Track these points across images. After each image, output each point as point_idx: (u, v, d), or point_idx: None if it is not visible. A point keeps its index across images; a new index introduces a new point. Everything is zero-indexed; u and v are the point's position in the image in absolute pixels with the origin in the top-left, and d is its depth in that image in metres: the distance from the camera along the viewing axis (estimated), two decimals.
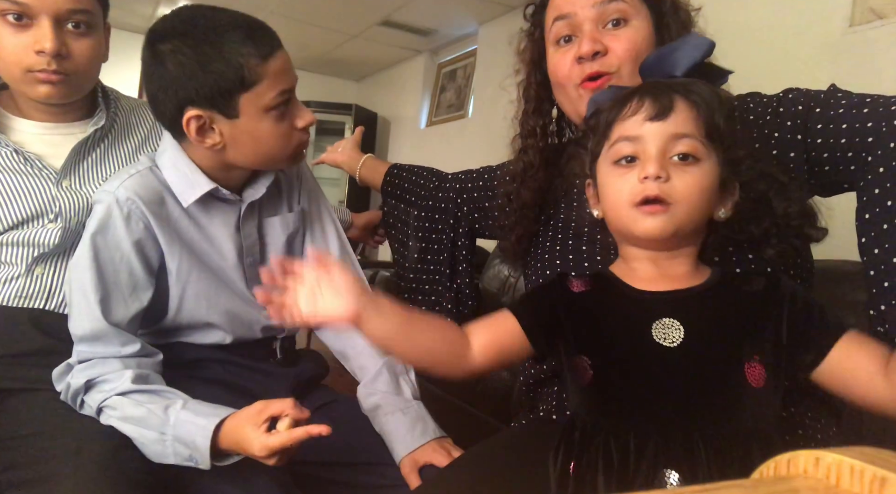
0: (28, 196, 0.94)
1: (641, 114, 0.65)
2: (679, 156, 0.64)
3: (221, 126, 0.86)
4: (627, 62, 0.81)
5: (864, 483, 0.24)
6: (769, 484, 0.27)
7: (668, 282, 0.67)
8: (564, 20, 0.84)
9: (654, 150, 0.64)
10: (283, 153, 0.92)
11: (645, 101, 0.66)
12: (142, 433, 0.82)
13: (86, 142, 1.00)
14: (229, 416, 0.82)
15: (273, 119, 0.87)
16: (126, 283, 0.90)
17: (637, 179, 0.64)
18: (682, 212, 0.64)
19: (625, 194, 0.65)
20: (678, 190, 0.63)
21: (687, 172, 0.64)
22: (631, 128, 0.66)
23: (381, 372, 1.00)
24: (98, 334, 0.87)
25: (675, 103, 0.65)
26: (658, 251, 0.68)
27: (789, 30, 2.08)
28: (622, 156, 0.66)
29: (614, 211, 0.67)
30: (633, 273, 0.69)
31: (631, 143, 0.65)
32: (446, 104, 4.54)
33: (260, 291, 0.65)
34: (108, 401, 0.84)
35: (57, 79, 0.92)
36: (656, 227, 0.63)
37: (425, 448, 0.91)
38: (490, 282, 3.07)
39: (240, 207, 0.97)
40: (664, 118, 0.64)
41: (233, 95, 0.83)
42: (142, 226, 0.90)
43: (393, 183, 1.29)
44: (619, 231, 0.69)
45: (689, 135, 0.64)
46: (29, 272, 0.96)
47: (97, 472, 0.76)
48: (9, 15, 0.88)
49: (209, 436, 0.79)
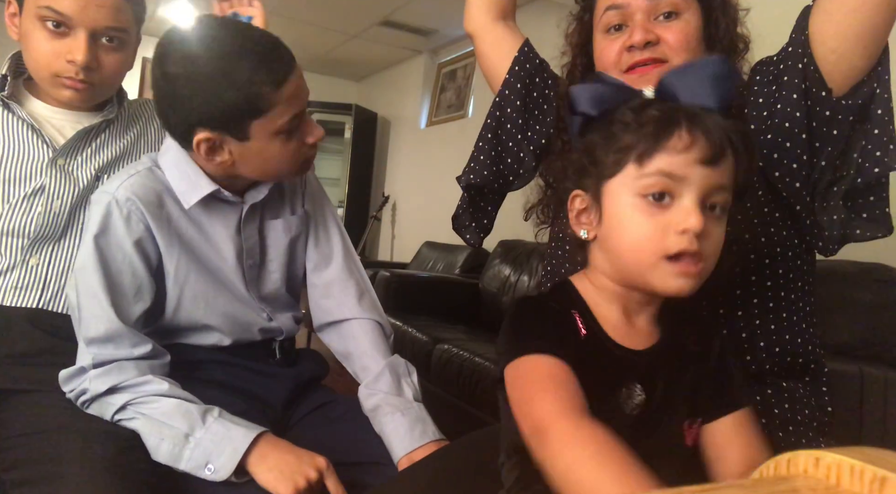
0: (21, 161, 0.96)
1: (693, 153, 0.56)
2: (714, 207, 0.58)
3: (231, 146, 0.86)
4: (680, 52, 0.80)
5: (864, 483, 0.24)
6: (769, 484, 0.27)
7: (635, 337, 0.62)
8: (617, 10, 0.84)
9: (694, 199, 0.56)
10: (290, 168, 0.93)
11: (697, 138, 0.57)
12: (162, 431, 0.82)
13: (91, 130, 1.02)
14: (266, 434, 0.84)
15: (283, 139, 0.87)
16: (130, 284, 0.90)
17: (674, 229, 0.56)
18: (707, 271, 0.58)
19: (654, 241, 0.57)
20: (709, 247, 0.57)
21: (718, 227, 0.58)
22: (676, 166, 0.57)
23: (383, 372, 1.00)
24: (112, 335, 0.86)
25: (726, 150, 0.57)
26: (642, 298, 0.62)
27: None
28: (655, 191, 0.57)
29: (633, 253, 0.59)
30: (604, 316, 0.63)
31: (672, 182, 0.57)
32: (446, 104, 4.54)
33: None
34: (141, 399, 0.85)
35: (82, 87, 0.96)
36: (685, 288, 0.57)
37: (423, 449, 0.91)
38: (490, 282, 3.07)
39: (241, 209, 0.97)
40: (716, 165, 0.57)
41: (244, 121, 0.83)
42: (142, 226, 0.90)
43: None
44: (629, 277, 0.61)
45: (727, 188, 0.58)
46: (24, 263, 0.97)
47: (103, 472, 0.76)
48: (48, 21, 0.91)
49: (243, 448, 0.81)
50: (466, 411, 2.13)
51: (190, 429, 0.82)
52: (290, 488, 0.79)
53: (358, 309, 1.07)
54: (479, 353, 2.18)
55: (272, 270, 1.03)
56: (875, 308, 1.52)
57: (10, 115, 0.98)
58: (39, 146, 0.98)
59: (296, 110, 0.86)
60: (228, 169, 0.90)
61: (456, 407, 2.16)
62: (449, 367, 2.24)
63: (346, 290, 1.08)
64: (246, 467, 0.82)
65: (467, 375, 2.13)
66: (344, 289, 1.08)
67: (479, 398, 2.08)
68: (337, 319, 1.08)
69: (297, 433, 0.97)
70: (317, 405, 1.04)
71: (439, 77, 4.69)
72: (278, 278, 1.04)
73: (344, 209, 5.09)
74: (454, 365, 2.22)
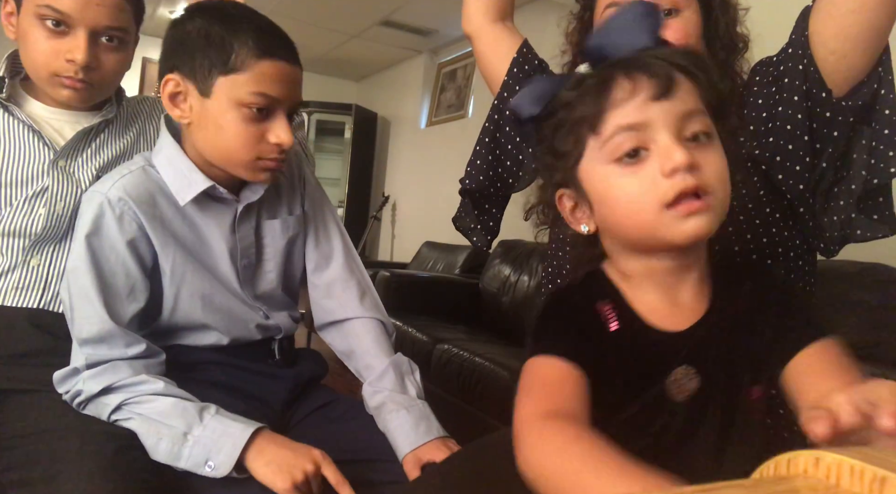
0: (22, 164, 0.96)
1: (641, 95, 0.54)
2: (696, 136, 0.54)
3: (193, 100, 0.87)
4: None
5: (864, 483, 0.24)
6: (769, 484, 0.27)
7: (679, 316, 0.58)
8: (616, 6, 0.84)
9: (668, 136, 0.53)
10: (242, 156, 0.88)
11: (638, 79, 0.54)
12: (160, 431, 0.82)
13: (90, 131, 1.01)
14: (264, 430, 0.84)
15: (242, 116, 0.85)
16: (123, 284, 0.89)
17: (660, 175, 0.53)
18: (720, 202, 0.54)
19: (647, 196, 0.53)
20: (710, 176, 0.53)
21: (710, 154, 0.54)
22: (631, 115, 0.54)
23: (386, 370, 1.00)
24: (104, 336, 0.86)
25: (674, 77, 0.54)
26: (665, 260, 0.58)
27: None
28: (626, 151, 0.54)
29: (632, 218, 0.55)
30: (640, 299, 0.59)
31: (635, 133, 0.54)
32: (446, 104, 4.54)
33: None
34: (136, 398, 0.85)
35: (81, 86, 0.95)
36: (701, 228, 0.53)
37: (428, 446, 0.91)
38: (490, 282, 3.07)
39: (236, 208, 0.97)
40: (670, 96, 0.53)
41: (211, 73, 0.85)
42: (135, 226, 0.90)
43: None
44: (640, 242, 0.57)
45: (698, 112, 0.55)
46: (25, 263, 0.96)
47: (101, 472, 0.75)
48: (48, 20, 0.91)
49: (242, 443, 0.81)
50: (466, 411, 2.13)
51: (188, 428, 0.82)
52: (288, 481, 0.79)
53: (360, 309, 1.07)
54: (479, 353, 2.18)
55: (268, 270, 1.03)
56: (875, 308, 1.52)
57: (10, 117, 0.97)
58: (40, 148, 0.97)
59: (264, 89, 0.84)
60: (190, 134, 0.91)
61: (456, 407, 2.16)
62: (449, 367, 2.24)
63: (348, 290, 1.08)
64: (244, 463, 0.81)
65: (467, 375, 2.13)
66: (346, 289, 1.08)
67: (480, 398, 2.08)
68: (339, 319, 1.07)
69: (298, 433, 0.96)
70: (317, 405, 1.04)
71: (439, 77, 4.69)
72: (274, 278, 1.04)
73: (344, 209, 5.09)
74: (454, 365, 2.22)
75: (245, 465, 0.82)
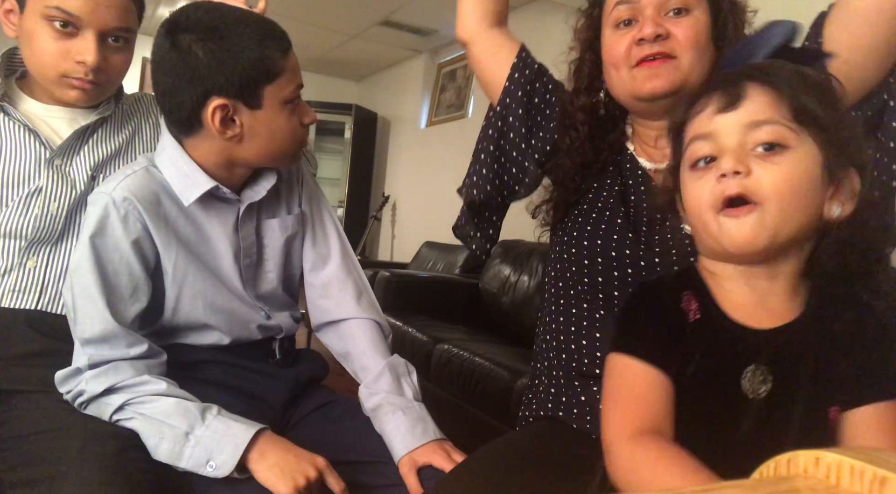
0: (17, 163, 0.96)
1: (710, 107, 0.59)
2: (763, 146, 0.56)
3: (243, 117, 0.88)
4: (689, 49, 0.80)
5: (864, 483, 0.24)
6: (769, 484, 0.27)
7: (764, 315, 0.59)
8: (626, 5, 0.84)
9: (730, 144, 0.57)
10: (289, 149, 0.94)
11: (713, 94, 0.59)
12: (162, 431, 0.82)
13: (87, 129, 1.01)
14: (266, 431, 0.84)
15: (288, 112, 0.90)
16: (126, 284, 0.90)
17: (714, 180, 0.57)
18: (774, 211, 0.55)
19: (704, 199, 0.58)
20: (765, 184, 0.55)
21: (774, 163, 0.55)
22: (702, 125, 0.59)
23: (383, 372, 1.00)
24: (107, 336, 0.86)
25: (745, 89, 0.57)
26: (753, 266, 0.59)
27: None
28: (699, 158, 0.59)
29: (697, 220, 0.60)
30: (726, 295, 0.61)
31: (706, 141, 0.59)
32: (446, 104, 4.54)
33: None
34: (139, 398, 0.85)
35: (90, 88, 0.96)
36: (746, 233, 0.55)
37: (425, 448, 0.91)
38: (490, 282, 3.07)
39: (238, 208, 0.97)
40: (735, 107, 0.57)
41: (259, 86, 0.86)
42: (139, 226, 0.90)
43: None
44: (708, 246, 0.61)
45: (769, 122, 0.56)
46: (21, 265, 0.96)
47: (102, 472, 0.75)
48: (56, 21, 0.90)
49: (244, 444, 0.81)
50: (466, 411, 2.13)
51: (190, 428, 0.82)
52: (290, 486, 0.79)
53: (356, 309, 1.07)
54: (478, 353, 2.18)
55: (269, 270, 1.03)
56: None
57: (4, 117, 0.97)
58: (35, 147, 0.97)
59: (298, 81, 0.91)
60: (232, 149, 0.90)
61: (456, 407, 2.16)
62: (449, 367, 2.24)
63: (345, 290, 1.08)
64: (246, 464, 0.82)
65: (467, 375, 2.13)
66: (342, 289, 1.08)
67: (479, 398, 2.07)
68: (335, 319, 1.07)
69: (298, 433, 0.97)
70: (317, 405, 1.04)
71: (439, 77, 4.69)
72: (275, 277, 1.04)
73: (344, 209, 5.09)
74: (454, 365, 2.21)
75: (247, 466, 0.82)
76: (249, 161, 0.93)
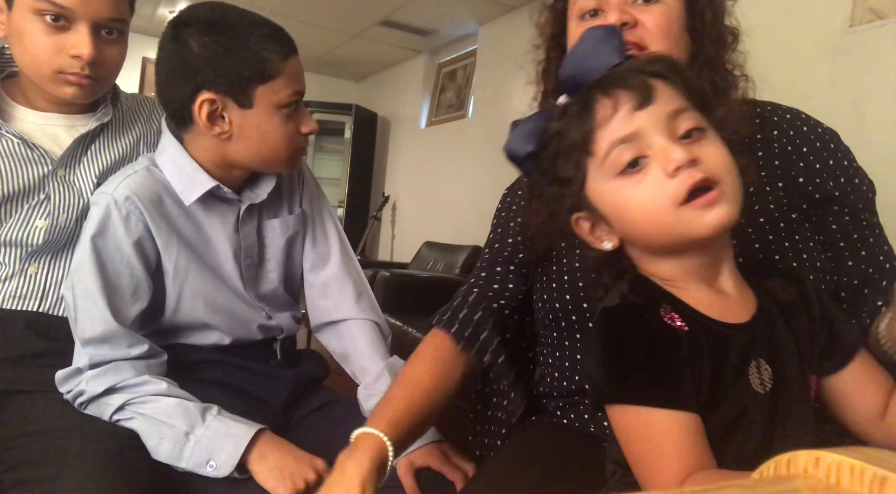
0: (21, 180, 0.93)
1: (623, 108, 0.56)
2: (688, 133, 0.55)
3: (233, 115, 0.87)
4: (659, 38, 0.75)
5: (864, 483, 0.24)
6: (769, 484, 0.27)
7: (734, 308, 0.59)
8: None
9: (662, 138, 0.55)
10: (283, 155, 0.93)
11: (617, 94, 0.56)
12: (162, 431, 0.82)
13: (87, 136, 0.99)
14: (265, 431, 0.85)
15: (282, 117, 0.89)
16: (128, 285, 0.90)
17: (664, 176, 0.54)
18: (731, 188, 0.55)
19: (658, 200, 0.54)
20: (714, 166, 0.54)
21: (708, 146, 0.55)
22: (620, 128, 0.56)
23: (381, 374, 1.00)
24: (108, 336, 0.86)
25: (650, 84, 0.56)
26: (700, 257, 0.58)
27: (790, 30, 2.08)
28: (625, 163, 0.56)
29: (651, 224, 0.56)
30: (691, 296, 0.59)
31: (629, 144, 0.55)
32: (446, 104, 4.54)
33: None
34: (139, 399, 0.85)
35: (87, 82, 0.93)
36: (723, 216, 0.53)
37: (423, 451, 0.91)
38: None
39: (239, 208, 0.97)
40: (651, 101, 0.55)
41: (251, 85, 0.85)
42: (141, 226, 0.90)
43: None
44: (668, 244, 0.58)
45: (685, 109, 0.56)
46: (22, 272, 0.95)
47: (102, 472, 0.75)
48: (46, 15, 0.87)
49: (244, 444, 0.81)
50: (466, 411, 2.12)
51: (190, 428, 0.82)
52: (290, 489, 0.80)
53: (356, 310, 1.07)
54: None
55: (270, 269, 1.03)
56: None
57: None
58: (36, 160, 0.94)
59: (297, 88, 0.90)
60: (224, 146, 0.90)
61: (455, 407, 2.16)
62: None
63: (344, 290, 1.08)
64: (246, 465, 0.82)
65: None
66: (342, 290, 1.08)
67: None
68: (334, 319, 1.07)
69: (298, 433, 0.97)
70: (317, 405, 1.04)
71: (439, 77, 4.69)
72: (276, 277, 1.04)
73: (344, 209, 5.09)
74: None
75: (247, 467, 0.82)
76: (242, 162, 0.93)
